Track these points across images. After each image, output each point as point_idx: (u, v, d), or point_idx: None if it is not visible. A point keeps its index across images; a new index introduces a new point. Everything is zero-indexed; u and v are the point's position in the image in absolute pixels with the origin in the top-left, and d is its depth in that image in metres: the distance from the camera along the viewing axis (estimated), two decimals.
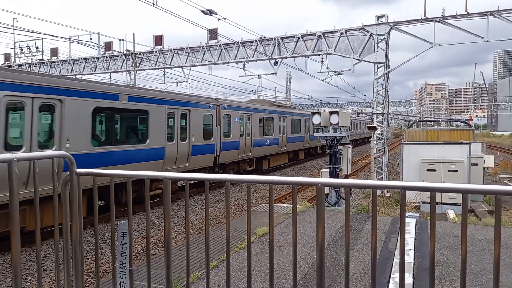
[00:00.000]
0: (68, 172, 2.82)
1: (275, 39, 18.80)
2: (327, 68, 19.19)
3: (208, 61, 20.53)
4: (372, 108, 17.47)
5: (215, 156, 15.20)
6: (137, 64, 22.75)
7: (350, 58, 16.94)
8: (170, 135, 12.50)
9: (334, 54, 17.45)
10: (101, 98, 9.97)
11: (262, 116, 19.60)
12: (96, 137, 10.10)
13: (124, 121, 11.10)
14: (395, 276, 4.52)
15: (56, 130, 8.79)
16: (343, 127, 10.17)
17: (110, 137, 10.56)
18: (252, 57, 19.41)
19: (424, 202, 11.32)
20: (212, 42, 20.22)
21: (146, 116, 11.48)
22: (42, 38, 26.36)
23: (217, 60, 20.26)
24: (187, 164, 13.34)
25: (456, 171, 11.49)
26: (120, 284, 2.81)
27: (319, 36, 17.68)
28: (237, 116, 16.89)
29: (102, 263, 7.17)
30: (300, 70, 20.90)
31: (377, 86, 16.47)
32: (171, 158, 12.49)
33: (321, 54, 18.09)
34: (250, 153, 18.18)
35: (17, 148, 8.08)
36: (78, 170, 2.83)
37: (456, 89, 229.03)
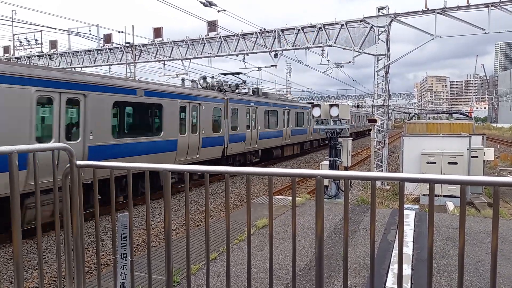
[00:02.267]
0: (69, 165, 2.83)
1: (275, 31, 18.70)
2: (328, 60, 19.11)
3: (208, 53, 20.44)
4: (373, 101, 17.43)
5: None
6: (137, 57, 22.65)
7: (351, 50, 16.86)
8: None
9: (335, 46, 17.36)
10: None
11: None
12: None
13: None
14: (394, 268, 4.55)
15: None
16: (343, 119, 10.16)
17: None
18: (252, 50, 19.32)
19: (424, 195, 11.35)
20: (212, 34, 20.12)
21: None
22: (41, 31, 26.25)
23: (217, 53, 20.18)
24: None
25: (456, 163, 11.51)
26: (121, 275, 2.84)
27: (320, 28, 17.57)
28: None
29: (103, 255, 7.22)
30: (300, 63, 20.83)
31: (377, 78, 16.41)
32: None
33: (321, 46, 17.99)
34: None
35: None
36: (78, 162, 2.84)
37: (457, 81, 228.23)
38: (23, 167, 7.57)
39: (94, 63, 24.45)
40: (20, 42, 28.01)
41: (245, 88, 20.42)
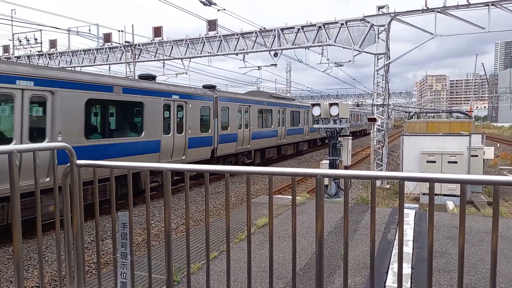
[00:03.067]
0: (69, 164, 2.83)
1: (275, 30, 18.68)
2: (327, 59, 19.10)
3: (208, 52, 20.42)
4: (372, 100, 17.43)
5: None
6: (136, 56, 22.64)
7: (351, 49, 16.85)
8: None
9: (335, 45, 17.35)
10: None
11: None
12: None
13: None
14: (394, 266, 4.55)
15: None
16: (343, 118, 10.16)
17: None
18: (252, 49, 19.31)
19: (424, 194, 11.36)
20: (211, 33, 20.10)
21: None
22: (40, 30, 26.24)
23: (217, 52, 20.16)
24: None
25: (456, 162, 11.51)
26: (121, 274, 2.84)
27: (319, 27, 17.56)
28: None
29: (103, 254, 7.22)
30: (300, 62, 20.82)
31: (377, 77, 16.40)
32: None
33: (321, 46, 17.98)
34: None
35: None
36: (79, 161, 2.84)
37: (456, 80, 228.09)
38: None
39: (94, 62, 24.44)
40: (20, 41, 28.01)
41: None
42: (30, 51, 27.37)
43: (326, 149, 22.58)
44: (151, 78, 13.27)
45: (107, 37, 23.61)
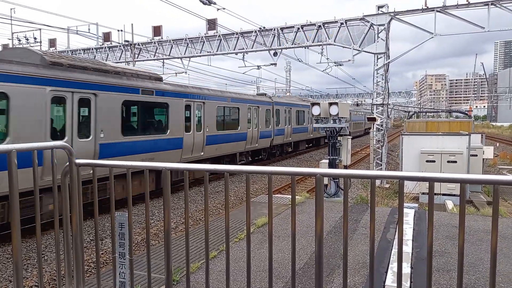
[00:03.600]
0: (68, 163, 2.82)
1: (274, 30, 18.67)
2: (327, 59, 19.10)
3: (207, 52, 20.41)
4: (372, 99, 17.43)
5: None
6: (136, 55, 22.61)
7: (350, 48, 16.84)
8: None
9: (334, 45, 17.34)
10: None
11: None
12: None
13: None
14: (393, 266, 4.55)
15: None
16: (342, 118, 10.15)
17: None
18: (252, 48, 19.30)
19: (423, 193, 11.37)
20: (211, 32, 20.08)
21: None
22: (40, 29, 26.19)
23: (217, 51, 20.15)
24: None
25: (455, 162, 11.52)
26: (120, 274, 2.83)
27: (319, 26, 17.56)
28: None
29: (102, 253, 7.22)
30: (300, 61, 20.82)
31: (377, 77, 16.40)
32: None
33: (321, 45, 17.98)
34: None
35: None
36: (78, 161, 2.83)
37: (456, 80, 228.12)
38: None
39: None
40: (19, 40, 27.94)
41: None
42: None
43: (325, 149, 22.95)
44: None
45: (107, 36, 23.59)
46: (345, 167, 10.88)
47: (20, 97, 7.80)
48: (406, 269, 4.43)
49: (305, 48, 18.75)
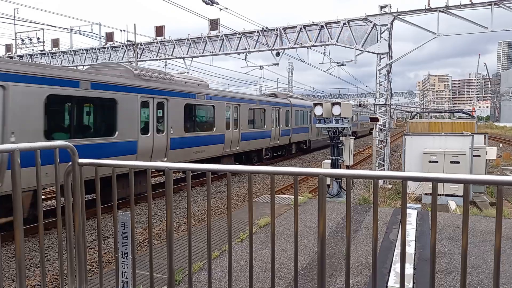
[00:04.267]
0: (71, 163, 2.83)
1: (277, 30, 18.66)
2: (330, 59, 19.07)
3: (210, 52, 20.42)
4: (375, 99, 17.39)
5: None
6: (139, 55, 22.66)
7: (353, 48, 16.81)
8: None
9: (337, 45, 17.32)
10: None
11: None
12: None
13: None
14: (396, 267, 4.54)
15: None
16: (345, 118, 10.14)
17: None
18: (254, 48, 19.29)
19: (426, 194, 11.33)
20: (213, 32, 20.09)
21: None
22: (43, 29, 26.30)
23: (219, 51, 20.15)
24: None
25: (458, 162, 11.47)
26: (122, 273, 2.84)
27: (322, 26, 17.53)
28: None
29: (105, 253, 7.23)
30: (302, 61, 20.79)
31: (379, 77, 16.36)
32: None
33: (323, 45, 17.95)
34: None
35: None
36: (80, 160, 2.83)
37: (459, 80, 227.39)
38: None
39: (96, 61, 24.47)
40: (22, 40, 28.06)
41: None
42: (33, 50, 27.43)
43: (328, 149, 22.99)
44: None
45: (109, 36, 23.64)
46: (348, 167, 10.86)
47: (123, 102, 10.44)
48: (409, 269, 4.42)
49: (307, 48, 18.72)
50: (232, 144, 16.14)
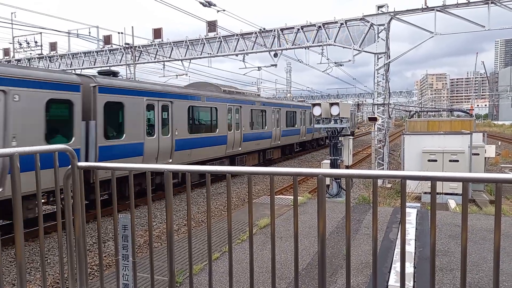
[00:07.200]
0: (70, 166, 2.83)
1: (274, 31, 18.67)
2: (327, 59, 19.08)
3: (208, 53, 20.41)
4: (373, 99, 17.41)
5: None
6: (137, 58, 22.64)
7: (351, 49, 16.83)
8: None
9: (335, 45, 17.33)
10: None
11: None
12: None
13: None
14: (396, 266, 4.55)
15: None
16: (343, 118, 10.15)
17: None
18: (252, 49, 19.30)
19: (425, 193, 11.34)
20: (211, 34, 20.09)
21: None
22: (40, 33, 26.22)
23: (217, 53, 20.15)
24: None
25: (457, 161, 11.49)
26: (123, 276, 2.84)
27: (319, 27, 17.55)
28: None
29: (105, 256, 7.22)
30: (300, 62, 20.81)
31: (377, 76, 16.38)
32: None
33: (321, 45, 17.96)
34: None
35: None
36: (80, 163, 2.84)
37: (457, 79, 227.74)
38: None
39: (94, 64, 24.44)
40: (20, 44, 28.00)
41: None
42: (31, 54, 27.37)
43: (327, 149, 23.11)
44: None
45: (107, 39, 23.61)
46: (347, 167, 10.87)
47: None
48: (409, 268, 4.42)
49: (305, 48, 18.73)
50: (275, 138, 21.63)
